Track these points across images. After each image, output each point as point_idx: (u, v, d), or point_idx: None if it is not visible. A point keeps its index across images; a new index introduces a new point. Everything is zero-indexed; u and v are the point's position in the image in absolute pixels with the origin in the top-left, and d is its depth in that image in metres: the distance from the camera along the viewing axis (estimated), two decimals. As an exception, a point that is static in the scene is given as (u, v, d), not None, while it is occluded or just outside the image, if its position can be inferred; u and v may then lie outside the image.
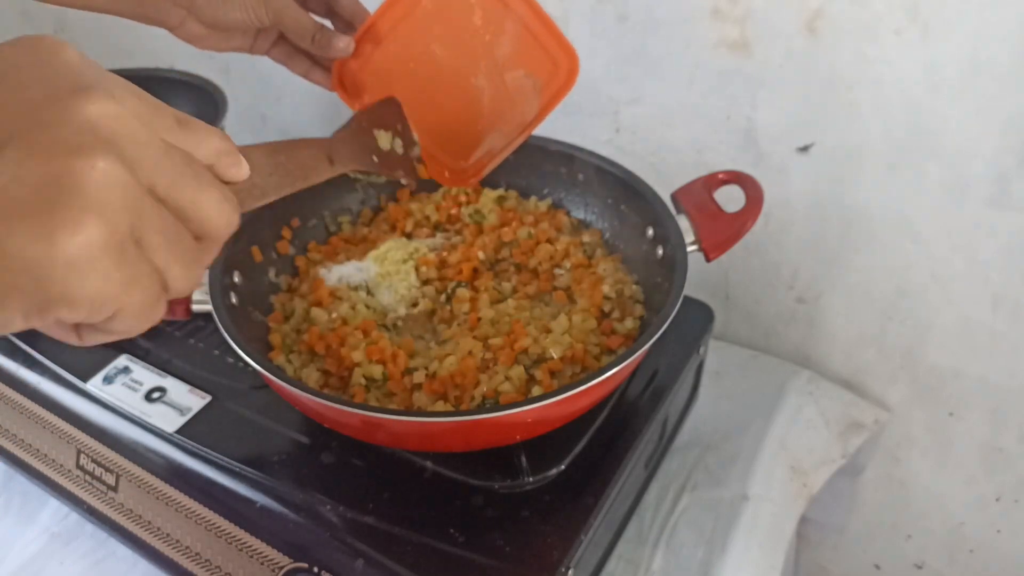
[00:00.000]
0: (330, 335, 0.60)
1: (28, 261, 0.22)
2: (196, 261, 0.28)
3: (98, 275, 0.23)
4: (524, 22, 0.59)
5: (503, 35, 0.59)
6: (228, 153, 0.31)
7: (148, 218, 0.25)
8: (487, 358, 0.58)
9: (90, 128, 0.24)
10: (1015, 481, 0.80)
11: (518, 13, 0.59)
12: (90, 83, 0.25)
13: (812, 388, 0.81)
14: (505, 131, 0.63)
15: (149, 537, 0.62)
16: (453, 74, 0.59)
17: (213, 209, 0.28)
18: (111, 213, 0.23)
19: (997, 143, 0.64)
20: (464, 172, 0.63)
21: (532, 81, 0.61)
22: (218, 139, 0.31)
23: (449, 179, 0.64)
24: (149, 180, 0.25)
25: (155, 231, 0.25)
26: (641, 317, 0.63)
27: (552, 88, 0.61)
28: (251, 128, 1.14)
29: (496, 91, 0.61)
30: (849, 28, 0.65)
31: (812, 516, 0.89)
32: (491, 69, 0.60)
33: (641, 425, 0.61)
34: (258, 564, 0.56)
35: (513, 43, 0.60)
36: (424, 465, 0.58)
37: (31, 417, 0.68)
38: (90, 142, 0.23)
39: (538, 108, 0.62)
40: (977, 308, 0.73)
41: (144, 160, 0.25)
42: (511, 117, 0.62)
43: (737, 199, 0.61)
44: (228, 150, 0.31)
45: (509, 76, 0.61)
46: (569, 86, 0.60)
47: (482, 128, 0.62)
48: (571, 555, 0.52)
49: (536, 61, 0.60)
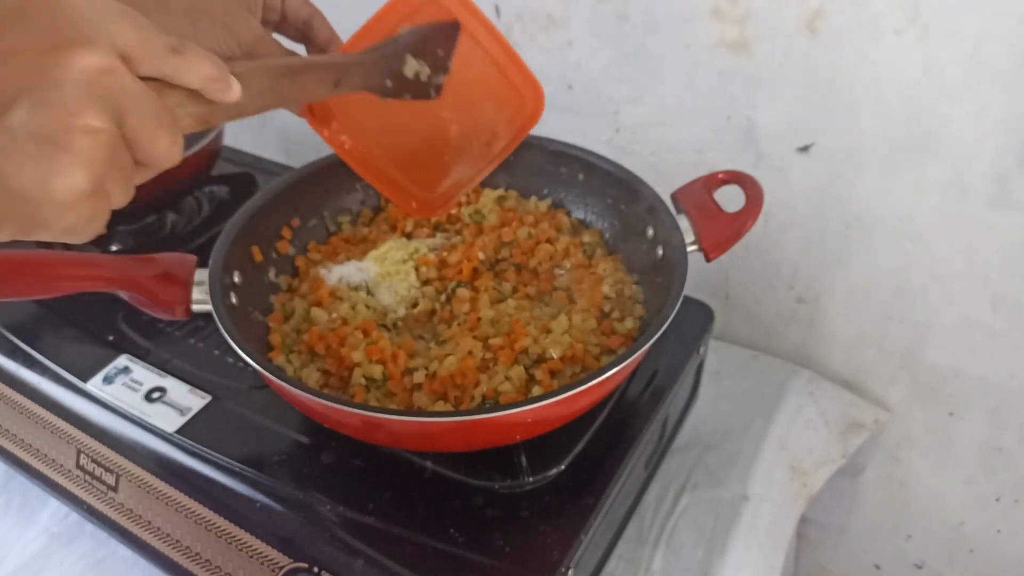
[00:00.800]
0: (330, 335, 0.60)
1: (26, 197, 0.28)
2: (132, 181, 0.33)
3: (74, 213, 0.29)
4: (491, 57, 0.59)
5: (470, 69, 0.59)
6: (217, 79, 0.35)
7: (117, 160, 0.30)
8: (487, 358, 0.58)
9: (85, 84, 0.28)
10: (1015, 481, 0.80)
11: (485, 47, 0.59)
12: (87, 31, 0.29)
13: (812, 388, 0.81)
14: (472, 162, 0.63)
15: (149, 537, 0.62)
16: (422, 105, 0.60)
17: (161, 150, 0.32)
18: (94, 167, 0.28)
19: (997, 143, 0.64)
20: (431, 202, 0.63)
21: (499, 115, 0.61)
22: (209, 65, 0.34)
23: (416, 209, 0.63)
24: (120, 119, 0.30)
25: (117, 168, 0.30)
26: (641, 317, 0.63)
27: (519, 121, 0.61)
28: (251, 128, 1.14)
29: (463, 123, 0.61)
30: (849, 28, 0.65)
31: (812, 516, 0.89)
32: (458, 102, 0.60)
33: (641, 425, 0.61)
34: (258, 564, 0.56)
35: (480, 78, 0.60)
36: (424, 465, 0.58)
37: (31, 417, 0.68)
38: (85, 100, 0.28)
39: (506, 140, 0.62)
40: (977, 308, 0.73)
41: (124, 108, 0.30)
42: (478, 148, 0.62)
43: (737, 199, 0.61)
44: (216, 76, 0.35)
45: (476, 109, 0.61)
46: (535, 119, 0.61)
47: (449, 159, 0.62)
48: (571, 555, 0.52)
49: (503, 95, 0.60)
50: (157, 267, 0.57)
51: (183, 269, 0.57)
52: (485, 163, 0.63)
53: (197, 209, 0.89)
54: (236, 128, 0.95)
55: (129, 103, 0.30)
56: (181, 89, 0.35)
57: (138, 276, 0.56)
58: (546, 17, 0.79)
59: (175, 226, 0.87)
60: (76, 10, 0.30)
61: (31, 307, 0.74)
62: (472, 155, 0.63)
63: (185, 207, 0.89)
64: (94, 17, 0.30)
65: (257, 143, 1.14)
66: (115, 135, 0.29)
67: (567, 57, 0.80)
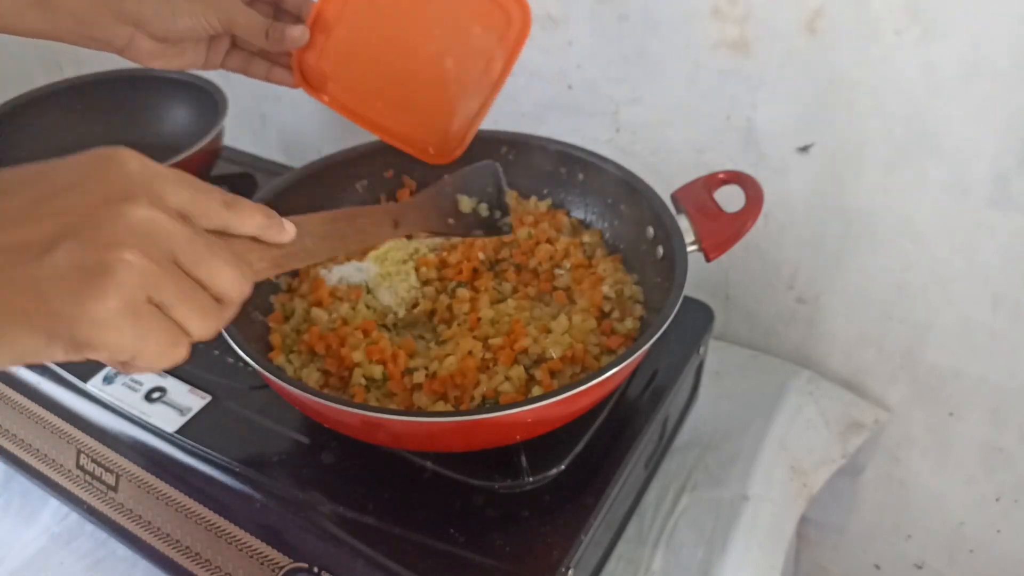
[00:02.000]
0: (330, 335, 0.60)
1: (66, 316, 0.31)
2: (214, 316, 0.36)
3: (113, 331, 0.32)
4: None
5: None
6: (269, 226, 0.40)
7: (166, 288, 0.33)
8: (487, 358, 0.58)
9: (128, 228, 0.33)
10: (1015, 481, 0.80)
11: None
12: (137, 192, 0.34)
13: (812, 388, 0.81)
14: (476, 92, 0.63)
15: (149, 537, 0.62)
16: (411, 46, 0.60)
17: (226, 282, 0.36)
18: (127, 289, 0.32)
19: (997, 143, 0.64)
20: (447, 144, 0.63)
21: (489, 36, 0.61)
22: (261, 216, 0.40)
23: (434, 155, 0.63)
24: (174, 258, 0.34)
25: (173, 296, 0.34)
26: (641, 317, 0.63)
27: (510, 38, 0.61)
28: (251, 128, 1.14)
29: (457, 52, 0.61)
30: (849, 28, 0.65)
31: (812, 516, 0.89)
32: (447, 32, 0.60)
33: (641, 425, 0.61)
34: (258, 564, 0.56)
35: (462, 2, 0.60)
36: (424, 465, 0.58)
37: (31, 417, 0.68)
38: (125, 239, 0.32)
39: (502, 61, 0.62)
40: (977, 308, 0.73)
41: (171, 246, 0.34)
42: (477, 76, 0.62)
43: (737, 199, 0.61)
44: (268, 224, 0.40)
45: (465, 35, 0.61)
46: (526, 32, 0.61)
47: (452, 94, 0.62)
48: (571, 555, 0.52)
49: (488, 15, 0.61)
50: (157, 267, 0.57)
51: (183, 269, 0.57)
52: (488, 89, 0.63)
53: (197, 209, 0.89)
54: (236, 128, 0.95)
55: (177, 244, 0.34)
56: (244, 237, 0.40)
57: (138, 276, 0.56)
58: (546, 17, 0.79)
59: (175, 226, 0.86)
60: (131, 175, 0.34)
61: (31, 307, 0.74)
62: (473, 84, 0.63)
63: (185, 207, 0.89)
64: (147, 180, 0.34)
65: (257, 143, 1.14)
66: (150, 266, 0.33)
67: (567, 57, 0.80)
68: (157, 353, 0.34)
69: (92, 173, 0.34)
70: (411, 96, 0.62)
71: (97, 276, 0.32)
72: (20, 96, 0.88)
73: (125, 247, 0.32)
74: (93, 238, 0.32)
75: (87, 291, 0.31)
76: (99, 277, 0.32)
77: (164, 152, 0.75)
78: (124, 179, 0.34)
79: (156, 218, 0.34)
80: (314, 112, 1.05)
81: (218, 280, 0.36)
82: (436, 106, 0.63)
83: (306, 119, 1.07)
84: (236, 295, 0.37)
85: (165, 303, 0.34)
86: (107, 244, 0.32)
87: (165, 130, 0.90)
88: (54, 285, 0.31)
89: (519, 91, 0.85)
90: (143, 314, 0.33)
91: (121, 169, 0.34)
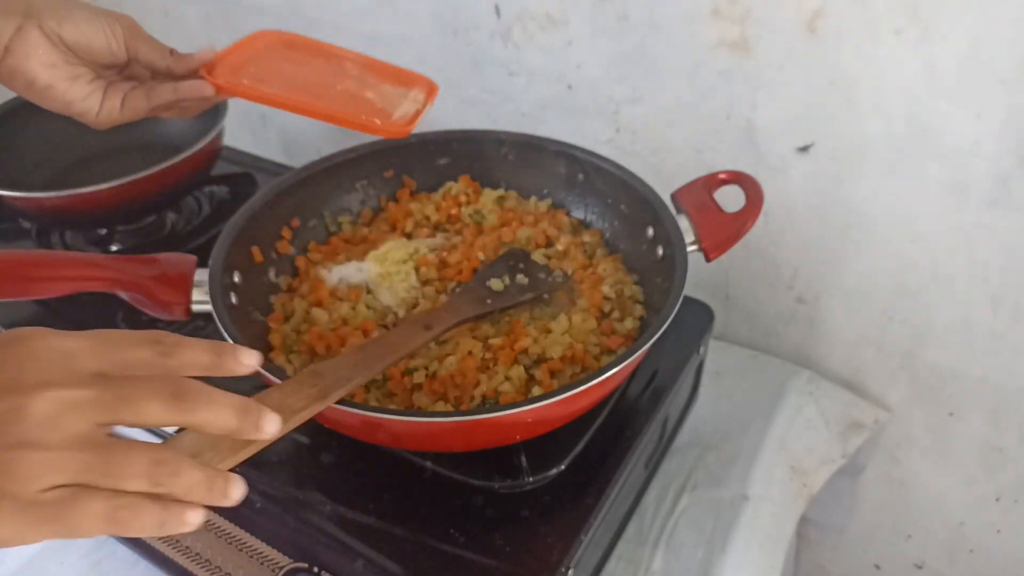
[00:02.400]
0: (330, 335, 0.60)
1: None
2: (165, 477, 0.32)
3: (11, 530, 0.31)
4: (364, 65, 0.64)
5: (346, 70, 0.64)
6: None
7: (83, 467, 0.31)
8: (487, 358, 0.58)
9: (30, 423, 0.31)
10: (1015, 481, 0.80)
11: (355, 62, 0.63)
12: (45, 375, 0.32)
13: (812, 388, 0.81)
14: (412, 99, 0.64)
15: (149, 537, 0.62)
16: (320, 84, 0.61)
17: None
18: (30, 486, 0.30)
19: (997, 143, 0.64)
20: (395, 125, 0.61)
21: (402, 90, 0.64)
22: (207, 354, 0.36)
23: (383, 128, 0.60)
24: (95, 427, 0.32)
25: (97, 473, 0.31)
26: (641, 317, 0.63)
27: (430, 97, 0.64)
28: (251, 128, 1.14)
29: (375, 91, 0.63)
30: (849, 28, 0.65)
31: (812, 516, 0.89)
32: (356, 82, 0.63)
33: (641, 425, 0.61)
34: (258, 564, 0.56)
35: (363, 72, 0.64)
36: (424, 465, 0.58)
37: (31, 417, 0.68)
38: (26, 436, 0.31)
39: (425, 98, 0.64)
40: (977, 308, 0.73)
41: (89, 417, 0.32)
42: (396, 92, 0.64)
43: (737, 199, 0.61)
44: (219, 365, 0.36)
45: (379, 87, 0.64)
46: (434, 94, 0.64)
47: (381, 106, 0.63)
48: (571, 555, 0.52)
49: (394, 79, 0.65)
50: (157, 267, 0.57)
51: (183, 269, 0.57)
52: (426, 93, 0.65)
53: (197, 209, 0.89)
54: (236, 128, 0.95)
55: (95, 413, 0.32)
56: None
57: (138, 276, 0.56)
58: (546, 17, 0.79)
59: (175, 226, 0.87)
60: (37, 358, 0.32)
61: (31, 307, 0.74)
62: (402, 97, 0.64)
63: (185, 207, 0.89)
64: (55, 360, 0.32)
65: (257, 143, 1.14)
66: (63, 458, 0.31)
67: (567, 57, 0.80)
68: (100, 531, 0.32)
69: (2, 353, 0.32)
70: (345, 97, 0.62)
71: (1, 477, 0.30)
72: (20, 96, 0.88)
73: (26, 446, 0.31)
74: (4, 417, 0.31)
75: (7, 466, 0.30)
76: (2, 478, 0.30)
77: (164, 152, 0.75)
78: (33, 362, 0.32)
79: (65, 398, 0.31)
80: (314, 112, 1.05)
81: (149, 419, 0.33)
82: (372, 103, 0.63)
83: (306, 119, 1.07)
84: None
85: (91, 481, 0.31)
86: (8, 443, 0.30)
87: (165, 130, 0.90)
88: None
89: (519, 91, 0.85)
90: (50, 503, 0.31)
91: (28, 353, 0.32)
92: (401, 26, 0.89)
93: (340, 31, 0.94)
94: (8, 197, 0.75)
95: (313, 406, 0.42)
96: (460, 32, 0.85)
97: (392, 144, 0.72)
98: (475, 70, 0.87)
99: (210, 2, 1.05)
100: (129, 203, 0.77)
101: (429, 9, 0.86)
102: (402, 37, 0.90)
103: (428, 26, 0.87)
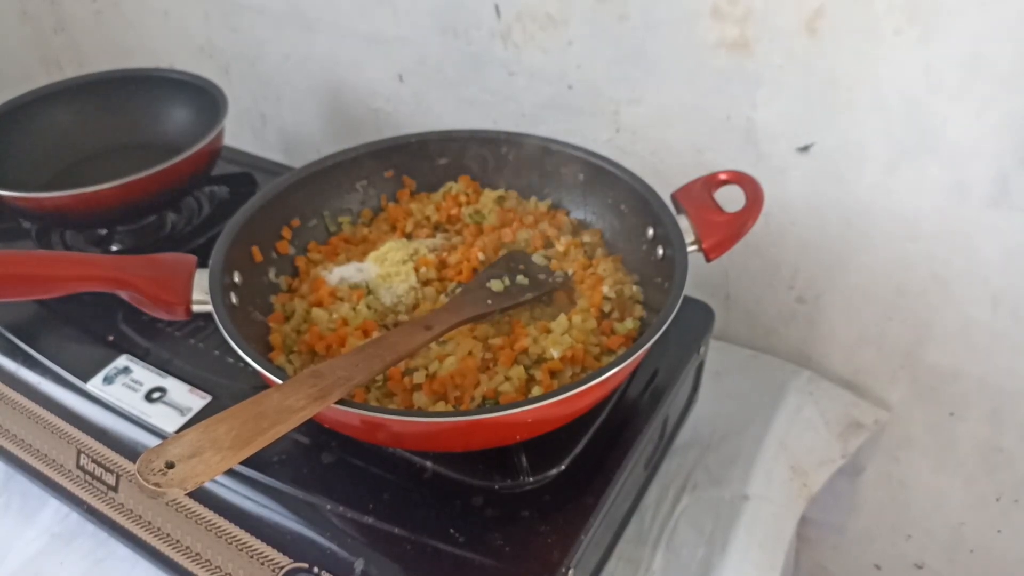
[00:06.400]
0: (330, 335, 0.60)
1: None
2: None
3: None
4: None
5: None
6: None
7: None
8: (487, 358, 0.58)
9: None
10: (1015, 481, 0.80)
11: None
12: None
13: (812, 388, 0.81)
14: None
15: (149, 537, 0.62)
16: None
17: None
18: None
19: (997, 143, 0.64)
20: None
21: None
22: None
23: None
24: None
25: None
26: (641, 317, 0.63)
27: None
28: (251, 128, 1.14)
29: None
30: (849, 28, 0.65)
31: (812, 516, 0.89)
32: None
33: (641, 425, 0.61)
34: (258, 564, 0.56)
35: None
36: (424, 465, 0.58)
37: (31, 417, 0.68)
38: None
39: None
40: (977, 308, 0.73)
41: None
42: None
43: (737, 199, 0.61)
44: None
45: None
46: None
47: None
48: (571, 555, 0.52)
49: None
50: (157, 267, 0.57)
51: (183, 269, 0.57)
52: None
53: (197, 209, 0.89)
54: (236, 128, 0.95)
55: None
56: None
57: (138, 276, 0.56)
58: (546, 17, 0.79)
59: (175, 226, 0.87)
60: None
61: (31, 307, 0.74)
62: None
63: (185, 207, 0.89)
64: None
65: (257, 143, 1.14)
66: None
67: (567, 57, 0.80)
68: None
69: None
70: None
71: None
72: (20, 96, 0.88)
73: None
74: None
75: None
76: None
77: (164, 152, 0.75)
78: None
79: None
80: (314, 112, 1.05)
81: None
82: None
83: (306, 119, 1.07)
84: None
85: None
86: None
87: (165, 130, 0.90)
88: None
89: (519, 91, 0.85)
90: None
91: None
92: (401, 26, 0.89)
93: (340, 31, 0.94)
94: (8, 197, 0.75)
95: (313, 406, 0.42)
96: (460, 32, 0.85)
97: (392, 144, 0.72)
98: (475, 70, 0.87)
99: (210, 2, 1.04)
100: (129, 203, 0.77)
101: (429, 9, 0.86)
102: (402, 37, 0.90)
103: (428, 26, 0.87)
